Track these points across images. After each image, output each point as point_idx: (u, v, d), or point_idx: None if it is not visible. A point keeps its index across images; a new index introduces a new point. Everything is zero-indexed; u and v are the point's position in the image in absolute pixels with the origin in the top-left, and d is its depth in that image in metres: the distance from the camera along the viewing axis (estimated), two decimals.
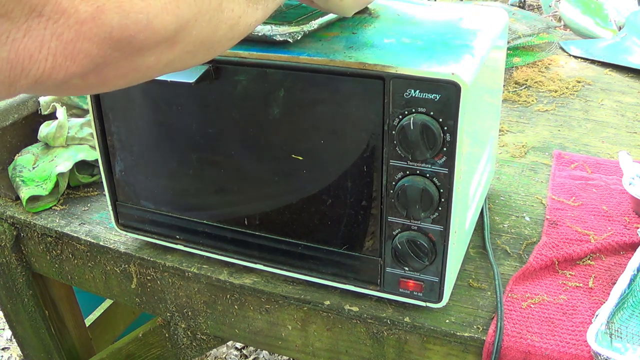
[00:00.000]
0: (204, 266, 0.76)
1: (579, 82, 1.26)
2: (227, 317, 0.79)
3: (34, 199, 0.89)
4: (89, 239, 0.83)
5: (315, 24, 0.63)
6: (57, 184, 0.90)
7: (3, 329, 1.90)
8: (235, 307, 0.77)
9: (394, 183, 0.60)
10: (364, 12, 0.70)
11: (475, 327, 0.65)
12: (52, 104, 0.95)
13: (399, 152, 0.58)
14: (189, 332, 0.86)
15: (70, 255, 0.88)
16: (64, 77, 0.30)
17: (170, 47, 0.35)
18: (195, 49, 0.37)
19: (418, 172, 0.58)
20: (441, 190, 0.58)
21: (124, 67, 0.33)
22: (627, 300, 0.66)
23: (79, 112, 0.99)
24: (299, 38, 0.60)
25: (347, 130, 0.60)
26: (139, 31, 0.31)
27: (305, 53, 0.59)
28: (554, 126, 1.08)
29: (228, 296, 0.76)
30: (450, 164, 0.57)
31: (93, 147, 0.94)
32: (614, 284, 0.68)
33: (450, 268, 0.62)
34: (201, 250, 0.75)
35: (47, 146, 0.95)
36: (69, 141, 0.94)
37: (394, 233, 0.62)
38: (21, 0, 0.26)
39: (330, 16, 0.65)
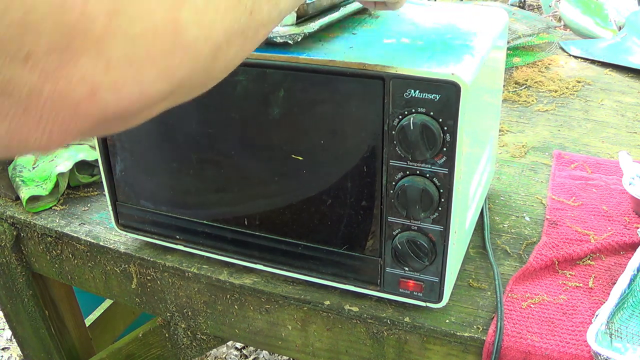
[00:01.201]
0: (204, 266, 0.76)
1: (579, 82, 1.26)
2: (227, 317, 0.79)
3: (34, 199, 0.89)
4: (89, 239, 0.83)
5: (315, 25, 0.62)
6: (57, 184, 0.90)
7: (3, 329, 1.90)
8: (235, 307, 0.77)
9: (394, 183, 0.60)
10: (364, 12, 0.70)
11: (475, 327, 0.65)
12: None
13: (399, 152, 0.58)
14: (189, 332, 0.86)
15: (70, 255, 0.88)
16: (57, 147, 0.31)
17: (165, 100, 0.35)
18: (190, 92, 0.38)
19: (418, 172, 0.58)
20: (441, 191, 0.58)
21: (119, 127, 0.34)
22: (627, 300, 0.66)
23: None
24: (299, 40, 0.60)
25: (347, 130, 0.60)
26: (133, 102, 0.32)
27: (305, 53, 0.58)
28: (554, 126, 1.08)
29: (228, 296, 0.76)
30: (450, 164, 0.57)
31: (93, 147, 0.94)
32: (614, 284, 0.68)
33: (450, 268, 0.62)
34: (201, 250, 0.75)
35: None
36: None
37: (394, 233, 0.62)
38: (21, 81, 0.27)
39: (331, 17, 0.65)
